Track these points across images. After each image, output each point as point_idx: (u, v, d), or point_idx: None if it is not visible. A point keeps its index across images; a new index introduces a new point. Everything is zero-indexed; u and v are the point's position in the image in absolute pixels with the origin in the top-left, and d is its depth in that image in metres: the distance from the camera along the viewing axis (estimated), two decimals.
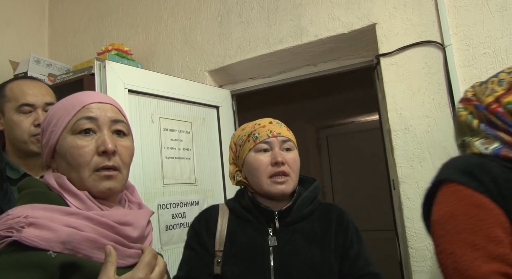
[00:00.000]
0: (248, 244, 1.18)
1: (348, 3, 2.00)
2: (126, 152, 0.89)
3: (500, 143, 0.92)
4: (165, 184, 1.89)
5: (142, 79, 1.90)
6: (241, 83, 2.45)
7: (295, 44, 2.10)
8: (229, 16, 2.32)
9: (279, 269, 1.13)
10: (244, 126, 1.31)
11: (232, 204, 1.28)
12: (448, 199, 0.88)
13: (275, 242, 1.17)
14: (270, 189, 1.18)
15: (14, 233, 0.70)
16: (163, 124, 1.95)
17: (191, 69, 2.39)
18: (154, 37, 2.55)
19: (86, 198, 0.82)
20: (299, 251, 1.16)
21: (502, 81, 0.96)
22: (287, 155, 1.21)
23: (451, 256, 0.82)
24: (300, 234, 1.19)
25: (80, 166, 0.83)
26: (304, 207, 1.22)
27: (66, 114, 0.86)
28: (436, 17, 1.80)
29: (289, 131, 1.27)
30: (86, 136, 0.85)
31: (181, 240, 1.88)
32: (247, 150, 1.23)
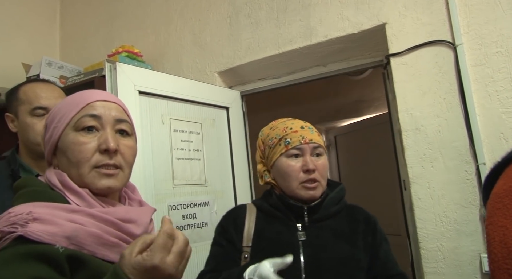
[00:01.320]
0: (277, 239, 1.20)
1: (357, 3, 1.99)
2: (128, 151, 0.88)
3: None
4: (175, 185, 1.90)
5: (152, 80, 1.91)
6: (250, 84, 2.45)
7: (304, 45, 2.10)
8: (238, 17, 2.33)
9: (309, 262, 1.14)
10: (273, 126, 1.31)
11: (260, 203, 1.30)
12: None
13: (304, 236, 1.19)
14: (301, 193, 1.21)
15: (19, 228, 0.69)
16: (173, 125, 1.96)
17: (201, 70, 2.40)
18: (164, 38, 2.57)
19: (87, 196, 0.81)
20: (328, 246, 1.18)
21: None
22: (318, 161, 1.22)
23: (501, 229, 0.78)
24: (328, 230, 1.21)
25: (80, 162, 0.82)
26: (332, 206, 1.24)
27: (70, 111, 0.86)
28: (447, 16, 1.78)
29: (320, 137, 1.27)
30: (88, 133, 0.84)
31: (192, 241, 1.88)
32: (278, 154, 1.24)
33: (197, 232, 1.93)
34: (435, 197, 1.74)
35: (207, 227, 1.99)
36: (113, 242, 0.78)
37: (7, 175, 1.34)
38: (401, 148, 1.89)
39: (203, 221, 1.98)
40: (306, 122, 1.30)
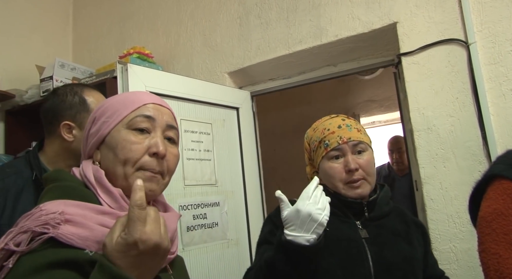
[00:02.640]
0: (338, 236, 1.14)
1: (368, 2, 1.97)
2: (174, 159, 0.87)
3: None
4: (186, 185, 1.90)
5: (163, 81, 1.92)
6: (260, 85, 2.45)
7: (314, 45, 2.09)
8: (248, 18, 2.33)
9: (376, 259, 1.11)
10: (315, 127, 1.28)
11: None
12: (499, 196, 0.84)
13: (366, 234, 1.15)
14: (347, 193, 1.18)
15: (50, 229, 0.67)
16: (184, 126, 1.97)
17: (211, 71, 2.41)
18: (174, 40, 2.58)
19: (119, 197, 0.79)
20: (390, 243, 1.15)
21: None
22: (360, 159, 1.18)
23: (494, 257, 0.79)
24: (386, 229, 1.18)
25: (128, 161, 0.81)
26: (384, 205, 1.23)
27: (124, 109, 0.85)
28: (460, 14, 1.76)
29: (360, 132, 1.22)
30: (140, 134, 0.83)
31: (202, 241, 1.89)
32: (320, 157, 1.22)
33: (208, 232, 1.94)
34: (447, 197, 1.72)
35: (218, 227, 1.99)
36: None
37: (30, 179, 1.31)
38: (412, 148, 1.87)
39: (213, 221, 1.98)
40: (346, 119, 1.25)
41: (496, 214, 0.81)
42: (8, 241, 0.67)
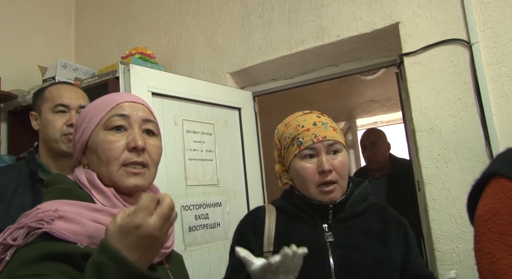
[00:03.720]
0: (302, 242, 1.08)
1: (370, 3, 1.97)
2: (155, 150, 0.91)
3: None
4: (188, 186, 1.90)
5: (165, 82, 1.92)
6: (262, 85, 2.45)
7: (316, 45, 2.09)
8: (250, 18, 2.33)
9: (339, 264, 1.07)
10: (288, 122, 1.22)
11: (280, 203, 1.21)
12: (496, 195, 0.82)
13: (331, 237, 1.11)
14: (318, 198, 1.13)
15: (45, 225, 0.72)
16: (186, 126, 1.97)
17: (213, 71, 2.41)
18: (176, 40, 2.59)
19: (111, 195, 0.84)
20: (359, 245, 1.09)
21: None
22: (335, 160, 1.13)
23: (488, 257, 0.78)
24: (357, 229, 1.13)
25: (109, 160, 0.85)
26: (358, 203, 1.17)
27: (100, 111, 0.89)
28: (462, 14, 1.76)
29: (335, 131, 1.17)
30: (117, 132, 0.88)
31: (204, 241, 1.90)
32: (292, 155, 1.16)
33: (210, 233, 1.94)
34: (450, 198, 1.72)
35: (220, 227, 1.99)
36: None
37: (26, 175, 1.37)
38: (415, 148, 1.86)
39: (215, 222, 1.98)
40: (321, 116, 1.20)
41: (492, 213, 0.80)
42: (6, 236, 0.73)
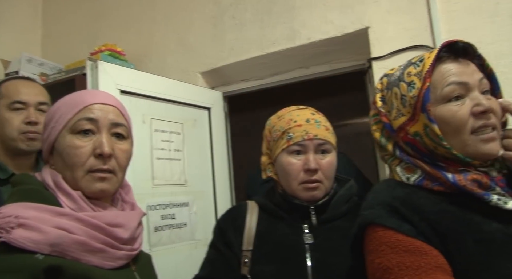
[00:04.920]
0: (281, 242, 1.09)
1: (341, 7, 2.00)
2: (123, 155, 0.89)
3: (421, 172, 0.84)
4: (155, 185, 1.88)
5: (135, 80, 1.89)
6: (233, 85, 2.45)
7: (288, 47, 2.10)
8: (223, 18, 2.32)
9: (317, 267, 1.04)
10: (281, 115, 1.19)
11: (263, 201, 1.20)
12: (378, 247, 0.77)
13: (311, 239, 1.09)
14: (300, 194, 1.11)
15: (4, 234, 0.70)
16: (154, 125, 1.95)
17: (184, 71, 2.39)
18: (147, 38, 2.55)
19: (78, 198, 0.82)
20: (339, 249, 1.05)
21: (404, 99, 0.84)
22: (322, 159, 1.11)
23: None
24: (338, 232, 1.09)
25: (74, 166, 0.83)
26: (341, 204, 1.14)
27: (67, 112, 0.86)
28: (429, 22, 1.80)
29: (328, 131, 1.15)
30: (84, 137, 0.85)
31: (170, 241, 1.87)
32: (280, 149, 1.13)
33: (176, 233, 1.91)
34: None
35: (186, 227, 1.97)
36: (97, 248, 0.78)
37: None
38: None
39: (182, 222, 1.96)
40: (315, 113, 1.18)
41: (382, 270, 0.75)
42: None
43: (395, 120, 0.86)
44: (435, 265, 0.71)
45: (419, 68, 0.82)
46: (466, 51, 0.83)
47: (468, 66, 0.82)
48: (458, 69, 0.81)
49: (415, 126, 0.82)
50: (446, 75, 0.80)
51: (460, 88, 0.79)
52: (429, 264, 0.71)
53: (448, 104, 0.80)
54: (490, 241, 0.73)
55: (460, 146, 0.79)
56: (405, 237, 0.75)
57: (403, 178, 0.86)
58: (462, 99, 0.80)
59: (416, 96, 0.81)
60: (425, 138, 0.82)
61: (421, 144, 0.83)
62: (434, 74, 0.81)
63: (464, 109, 0.79)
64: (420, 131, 0.82)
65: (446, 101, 0.80)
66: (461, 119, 0.78)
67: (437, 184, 0.81)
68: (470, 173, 0.78)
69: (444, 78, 0.80)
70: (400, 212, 0.79)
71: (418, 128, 0.82)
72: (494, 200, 0.75)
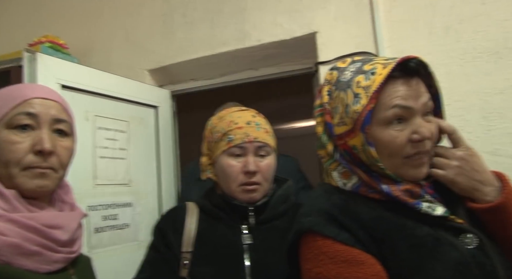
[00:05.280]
0: (220, 243, 1.10)
1: (291, 11, 2.04)
2: (65, 153, 0.85)
3: (357, 179, 0.85)
4: (96, 185, 1.81)
5: (78, 74, 1.82)
6: (182, 84, 2.42)
7: (237, 48, 2.11)
8: (172, 16, 2.29)
9: (255, 268, 1.05)
10: (222, 116, 1.20)
11: (202, 202, 1.20)
12: (317, 256, 0.78)
13: (250, 240, 1.10)
14: (239, 196, 1.13)
15: None
16: (98, 122, 1.88)
17: (131, 67, 2.32)
18: (93, 31, 2.45)
19: (12, 198, 0.77)
20: (277, 249, 1.04)
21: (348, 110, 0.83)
22: (261, 162, 1.13)
23: None
24: (276, 232, 1.11)
25: (9, 163, 0.78)
26: (279, 204, 1.16)
27: (4, 106, 0.80)
28: (372, 30, 1.88)
29: (267, 134, 1.16)
30: (22, 132, 0.80)
31: (111, 243, 1.81)
32: (220, 150, 1.14)
33: (118, 234, 1.86)
34: None
35: (129, 228, 1.92)
36: (33, 251, 0.74)
37: None
38: None
39: (124, 223, 1.90)
40: (256, 115, 1.19)
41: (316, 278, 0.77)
42: None
43: (337, 126, 0.86)
44: (372, 273, 0.74)
45: (369, 82, 0.80)
46: (418, 71, 0.82)
47: (417, 87, 0.81)
48: (406, 92, 0.79)
49: (354, 140, 0.83)
50: (392, 96, 0.79)
51: (403, 112, 0.79)
52: (366, 273, 0.74)
53: (389, 128, 0.80)
54: (422, 245, 0.77)
55: (392, 167, 0.82)
56: (344, 246, 0.77)
57: (340, 183, 0.87)
58: (403, 123, 0.80)
59: (358, 113, 0.80)
60: (361, 154, 0.83)
61: (358, 156, 0.85)
62: (382, 93, 0.79)
63: (403, 136, 0.79)
64: (358, 147, 0.83)
65: (387, 124, 0.80)
66: (399, 145, 0.80)
67: (372, 191, 0.83)
68: (402, 183, 0.82)
69: (390, 100, 0.79)
70: (339, 220, 0.80)
71: (356, 143, 0.82)
72: (424, 208, 0.79)
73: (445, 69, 1.73)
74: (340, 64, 0.92)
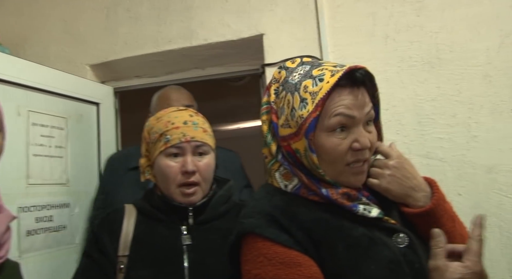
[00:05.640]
0: (159, 245, 1.09)
1: (238, 12, 2.04)
2: None
3: (298, 181, 0.87)
4: (29, 184, 1.70)
5: (9, 66, 1.70)
6: (125, 81, 2.34)
7: (184, 46, 2.09)
8: (116, 10, 2.21)
9: (194, 268, 1.05)
10: (160, 116, 1.18)
11: (141, 204, 1.17)
12: (256, 258, 0.80)
13: (189, 240, 1.10)
14: (178, 198, 1.12)
15: None
16: (32, 118, 1.76)
17: (70, 61, 2.22)
18: (28, 21, 2.31)
19: None
20: (216, 249, 1.06)
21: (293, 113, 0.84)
22: (200, 161, 1.13)
23: None
24: (216, 232, 1.12)
25: None
26: (219, 205, 1.17)
27: None
28: (317, 35, 1.94)
29: (205, 133, 1.16)
30: None
31: (45, 246, 1.71)
32: (158, 151, 1.12)
33: (53, 236, 1.75)
34: None
35: (65, 230, 1.82)
36: None
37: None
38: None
39: (60, 224, 1.80)
40: (194, 115, 1.19)
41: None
42: None
43: (282, 128, 0.88)
44: (308, 275, 0.76)
45: (316, 89, 0.81)
46: (364, 81, 0.85)
47: (362, 97, 0.83)
48: (351, 101, 0.81)
49: (298, 144, 0.84)
50: (337, 104, 0.81)
51: (347, 120, 0.82)
52: (302, 275, 0.76)
53: (332, 136, 0.82)
54: (358, 245, 0.81)
55: (333, 173, 0.85)
56: (282, 248, 0.79)
57: (281, 184, 0.89)
58: (345, 131, 0.83)
59: (304, 118, 0.81)
60: (303, 159, 0.85)
61: (300, 160, 0.87)
62: (327, 100, 0.81)
63: (344, 144, 0.82)
64: (300, 151, 0.85)
65: (331, 131, 0.82)
66: (341, 153, 0.83)
67: (312, 194, 0.86)
68: (341, 187, 0.85)
69: (335, 107, 0.81)
70: (280, 221, 0.82)
71: (299, 147, 0.84)
72: (360, 210, 0.84)
73: (384, 75, 1.82)
74: (289, 64, 0.94)
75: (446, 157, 1.72)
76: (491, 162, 1.67)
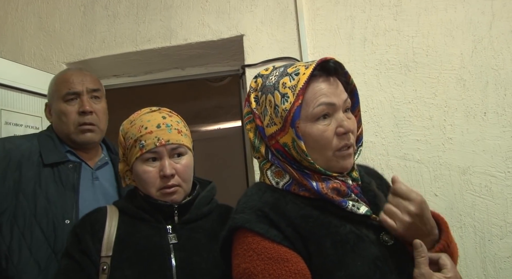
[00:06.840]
0: (144, 245, 1.08)
1: (218, 12, 2.04)
2: None
3: (289, 177, 0.90)
4: None
5: None
6: (103, 80, 2.28)
7: (163, 46, 2.06)
8: (93, 7, 2.17)
9: (181, 267, 1.05)
10: (133, 120, 1.17)
11: (123, 204, 1.16)
12: (246, 252, 0.82)
13: (175, 239, 1.09)
14: (160, 198, 1.12)
15: None
16: (5, 117, 1.72)
17: (46, 59, 2.16)
18: (1, 16, 2.24)
19: None
20: (202, 248, 1.09)
21: (277, 110, 0.88)
22: (178, 163, 1.12)
23: None
24: (200, 231, 1.13)
25: None
26: (203, 205, 1.18)
27: None
28: (297, 36, 1.95)
29: (180, 134, 1.14)
30: None
31: None
32: (134, 157, 1.11)
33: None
34: None
35: None
36: None
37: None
38: (251, 156, 1.98)
39: None
40: (167, 116, 1.17)
41: (247, 274, 0.80)
42: None
43: (268, 127, 0.91)
44: (295, 271, 0.78)
45: (294, 82, 0.86)
46: (336, 70, 0.90)
47: (337, 85, 0.89)
48: (329, 90, 0.86)
49: (285, 137, 0.88)
50: (317, 94, 0.85)
51: (328, 108, 0.86)
52: (289, 271, 0.78)
53: (317, 124, 0.86)
54: (345, 242, 0.83)
55: (323, 160, 0.88)
56: (271, 243, 0.81)
57: (273, 182, 0.92)
58: (328, 118, 0.87)
59: (288, 110, 0.85)
60: (292, 151, 0.88)
61: (289, 153, 0.90)
62: (307, 91, 0.85)
63: (330, 130, 0.86)
64: (288, 143, 0.88)
65: (315, 120, 0.86)
66: (327, 138, 0.86)
67: (303, 190, 0.89)
68: (331, 181, 0.88)
69: (316, 98, 0.85)
70: (269, 217, 0.84)
71: (287, 140, 0.88)
72: (349, 206, 0.86)
73: (363, 78, 1.85)
74: (263, 72, 0.99)
75: (423, 158, 1.75)
76: (465, 164, 1.71)
